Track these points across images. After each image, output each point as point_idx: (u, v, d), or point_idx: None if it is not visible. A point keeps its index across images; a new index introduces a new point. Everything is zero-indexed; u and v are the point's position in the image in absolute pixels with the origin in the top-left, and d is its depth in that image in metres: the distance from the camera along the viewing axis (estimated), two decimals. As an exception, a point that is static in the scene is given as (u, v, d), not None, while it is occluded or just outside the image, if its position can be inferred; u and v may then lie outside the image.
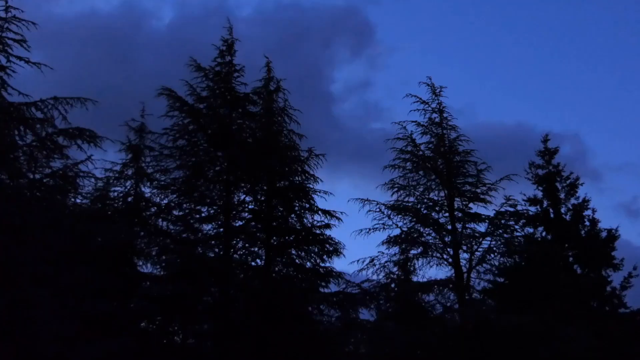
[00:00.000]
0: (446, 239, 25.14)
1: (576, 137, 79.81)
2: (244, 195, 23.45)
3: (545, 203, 27.79)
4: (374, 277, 25.29)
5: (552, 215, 27.57)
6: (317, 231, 23.32)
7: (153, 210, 23.15)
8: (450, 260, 24.92)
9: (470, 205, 25.59)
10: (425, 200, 25.69)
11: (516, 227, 25.66)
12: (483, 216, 25.39)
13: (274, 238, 23.02)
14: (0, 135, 16.96)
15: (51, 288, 15.38)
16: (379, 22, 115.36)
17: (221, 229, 22.65)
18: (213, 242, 22.71)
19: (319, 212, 23.46)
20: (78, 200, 20.86)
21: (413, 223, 25.45)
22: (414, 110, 26.41)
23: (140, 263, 22.62)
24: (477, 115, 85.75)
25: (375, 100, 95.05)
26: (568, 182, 27.84)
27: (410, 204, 25.63)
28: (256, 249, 22.97)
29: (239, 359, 19.59)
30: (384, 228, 25.41)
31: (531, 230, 27.26)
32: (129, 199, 23.18)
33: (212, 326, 21.74)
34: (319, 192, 23.62)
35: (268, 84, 24.50)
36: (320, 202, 23.70)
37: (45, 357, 14.22)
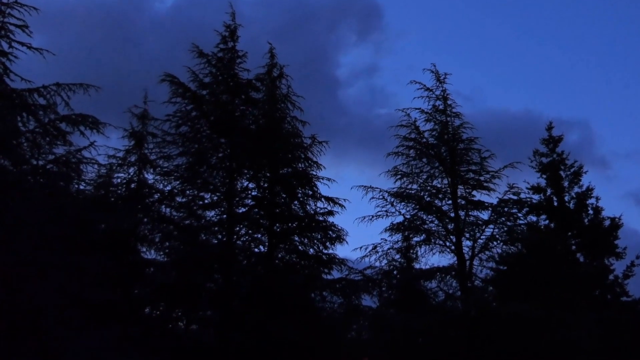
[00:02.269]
0: (449, 226, 25.13)
1: (585, 124, 79.39)
2: (247, 182, 23.44)
3: (548, 191, 27.76)
4: (377, 264, 25.34)
5: (555, 204, 27.54)
6: (320, 218, 23.34)
7: (156, 196, 23.15)
8: (452, 247, 24.92)
9: (474, 192, 25.54)
10: (428, 187, 25.65)
11: (519, 215, 25.63)
12: (486, 204, 25.36)
13: (277, 225, 23.03)
14: (3, 122, 16.88)
15: (54, 275, 15.40)
16: (386, 6, 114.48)
17: (224, 216, 22.66)
18: (216, 228, 22.74)
19: (322, 199, 23.47)
20: (81, 187, 20.83)
21: (416, 210, 25.43)
22: (418, 97, 26.31)
23: (144, 250, 22.66)
24: (484, 101, 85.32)
25: (382, 85, 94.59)
26: (572, 170, 27.78)
27: (413, 192, 25.60)
28: (259, 235, 23.00)
29: (242, 345, 19.66)
30: (387, 215, 25.42)
31: (534, 218, 27.26)
32: (132, 186, 23.15)
33: (215, 312, 21.83)
34: (322, 179, 23.62)
35: (271, 70, 24.39)
36: (323, 189, 23.73)
37: (49, 344, 14.28)
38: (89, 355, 14.40)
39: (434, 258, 30.15)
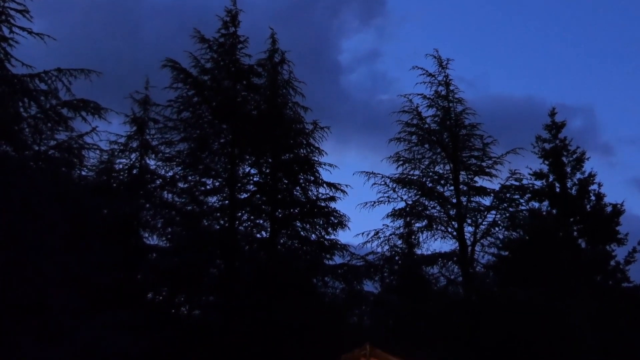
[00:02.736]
0: (451, 212, 25.16)
1: (589, 110, 78.64)
2: (249, 168, 23.45)
3: (551, 177, 27.64)
4: (379, 249, 25.41)
5: (557, 190, 27.45)
6: (322, 204, 23.38)
7: (158, 182, 23.17)
8: (454, 233, 24.97)
9: (476, 178, 25.56)
10: (430, 173, 25.67)
11: (521, 201, 25.67)
12: (488, 190, 25.38)
13: (279, 210, 23.08)
14: (4, 108, 16.85)
15: (58, 259, 15.44)
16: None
17: (226, 202, 22.70)
18: (218, 214, 22.79)
19: (324, 185, 23.50)
20: (83, 173, 20.84)
21: (418, 196, 25.46)
22: (420, 83, 26.25)
23: (146, 235, 22.70)
24: (488, 87, 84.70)
25: (384, 71, 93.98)
26: (574, 156, 27.66)
27: (415, 177, 25.62)
28: (261, 221, 23.06)
29: (244, 330, 19.75)
30: (389, 201, 25.46)
31: (536, 204, 27.17)
32: (134, 172, 23.15)
33: (217, 298, 21.91)
34: (324, 164, 23.65)
35: (272, 55, 24.33)
36: (325, 174, 23.75)
37: (53, 327, 14.36)
38: (92, 338, 14.48)
39: (435, 244, 30.17)
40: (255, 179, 23.39)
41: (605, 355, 22.61)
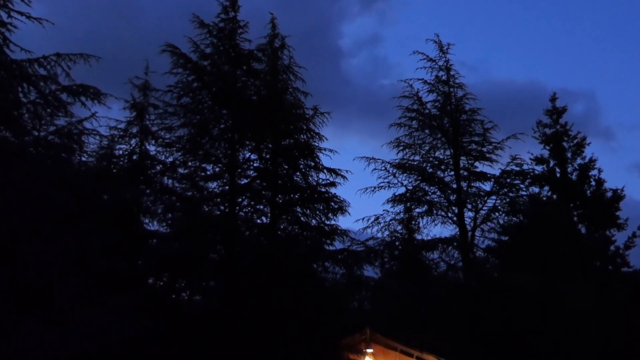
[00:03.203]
0: (451, 197, 25.20)
1: (591, 95, 78.65)
2: (249, 154, 23.41)
3: (551, 162, 27.72)
4: (379, 235, 25.51)
5: (558, 175, 27.51)
6: (322, 189, 23.37)
7: (158, 168, 23.12)
8: (454, 218, 25.04)
9: (476, 164, 25.60)
10: (430, 158, 25.69)
11: (521, 186, 25.73)
12: (488, 175, 25.43)
13: (279, 196, 23.08)
14: (4, 93, 16.77)
15: (59, 245, 15.45)
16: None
17: (226, 187, 22.68)
18: (218, 200, 22.78)
19: (324, 170, 23.47)
20: (83, 159, 20.81)
21: (418, 182, 25.50)
22: (421, 68, 26.19)
23: (147, 221, 22.70)
24: (489, 72, 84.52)
25: (385, 55, 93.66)
26: (575, 141, 27.71)
27: (415, 163, 25.65)
28: (261, 206, 23.07)
29: (245, 316, 19.82)
30: (389, 186, 25.52)
31: (537, 189, 27.28)
32: (134, 157, 23.10)
33: (218, 283, 21.97)
34: (324, 150, 23.60)
35: (273, 40, 24.19)
36: (325, 160, 23.72)
37: (54, 313, 14.41)
38: (94, 324, 14.52)
39: (435, 229, 30.33)
40: (255, 165, 23.37)
41: (605, 340, 22.74)
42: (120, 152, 23.25)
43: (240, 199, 22.72)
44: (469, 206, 25.07)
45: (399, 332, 23.32)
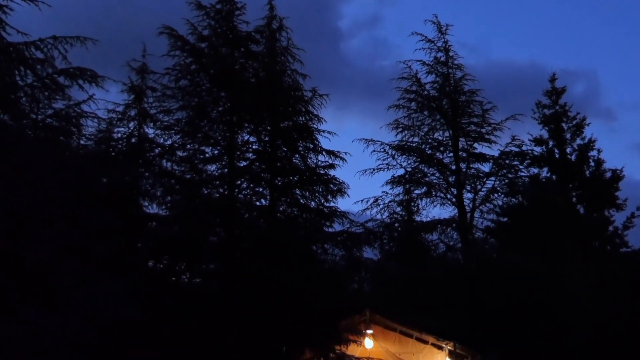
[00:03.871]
0: (450, 179, 25.22)
1: (592, 74, 78.27)
2: (248, 136, 23.37)
3: (550, 143, 27.70)
4: (378, 216, 25.58)
5: (557, 156, 27.49)
6: (321, 171, 23.36)
7: (157, 151, 23.09)
8: (453, 200, 25.09)
9: (475, 145, 25.61)
10: (429, 140, 25.68)
11: (521, 167, 25.78)
12: (487, 156, 25.44)
13: (278, 178, 23.08)
14: (1, 76, 16.70)
15: (58, 228, 15.47)
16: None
17: (225, 170, 22.67)
18: (217, 182, 22.77)
19: (323, 153, 23.45)
20: (82, 142, 20.79)
21: (417, 163, 25.52)
22: (420, 49, 26.09)
23: (146, 204, 22.72)
24: (490, 52, 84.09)
25: (385, 36, 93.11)
26: (574, 122, 27.66)
27: (414, 144, 25.66)
28: (260, 189, 23.07)
29: (244, 298, 19.91)
30: (388, 168, 25.56)
31: (536, 170, 27.28)
32: (133, 140, 23.07)
33: (218, 266, 22.03)
34: (323, 132, 23.57)
35: (271, 22, 24.06)
36: (324, 142, 23.70)
37: (54, 296, 14.46)
38: (93, 307, 14.57)
39: (434, 210, 30.52)
40: (254, 147, 23.34)
41: (603, 320, 22.86)
42: (119, 135, 23.24)
43: (239, 182, 22.72)
44: (468, 187, 25.11)
45: (399, 313, 23.44)
